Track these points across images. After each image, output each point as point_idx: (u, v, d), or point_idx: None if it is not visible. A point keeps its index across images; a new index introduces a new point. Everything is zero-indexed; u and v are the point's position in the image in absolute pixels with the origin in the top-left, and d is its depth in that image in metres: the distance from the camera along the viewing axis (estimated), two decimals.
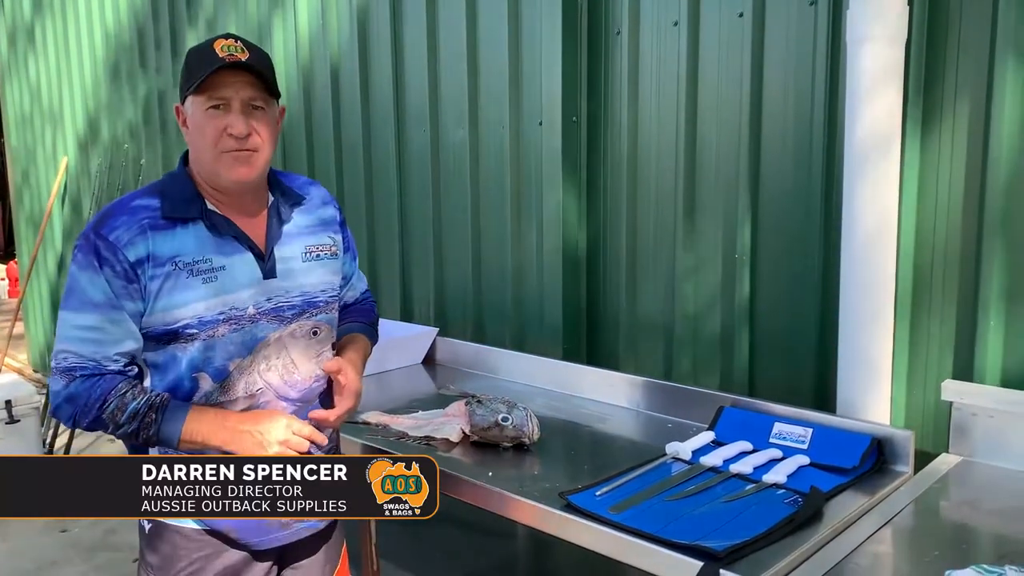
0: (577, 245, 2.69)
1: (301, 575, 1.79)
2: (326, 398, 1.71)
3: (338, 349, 1.77)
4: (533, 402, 2.07)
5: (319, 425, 1.65)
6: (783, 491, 1.70)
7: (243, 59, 1.54)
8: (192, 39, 4.23)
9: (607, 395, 2.37)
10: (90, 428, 1.57)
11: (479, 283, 2.99)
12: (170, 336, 1.56)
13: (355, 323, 1.90)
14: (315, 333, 1.66)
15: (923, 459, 1.86)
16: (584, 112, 2.65)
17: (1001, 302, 1.88)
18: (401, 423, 2.14)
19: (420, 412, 2.21)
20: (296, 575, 1.78)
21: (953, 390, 1.90)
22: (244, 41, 1.58)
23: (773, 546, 1.48)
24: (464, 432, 2.04)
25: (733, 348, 2.37)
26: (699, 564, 1.42)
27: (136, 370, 1.60)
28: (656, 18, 2.46)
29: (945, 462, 1.86)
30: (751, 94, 2.27)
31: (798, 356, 2.24)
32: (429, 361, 2.87)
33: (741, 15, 2.27)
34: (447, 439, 2.03)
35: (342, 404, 1.67)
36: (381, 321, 2.12)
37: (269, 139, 1.61)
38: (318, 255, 1.73)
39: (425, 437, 2.05)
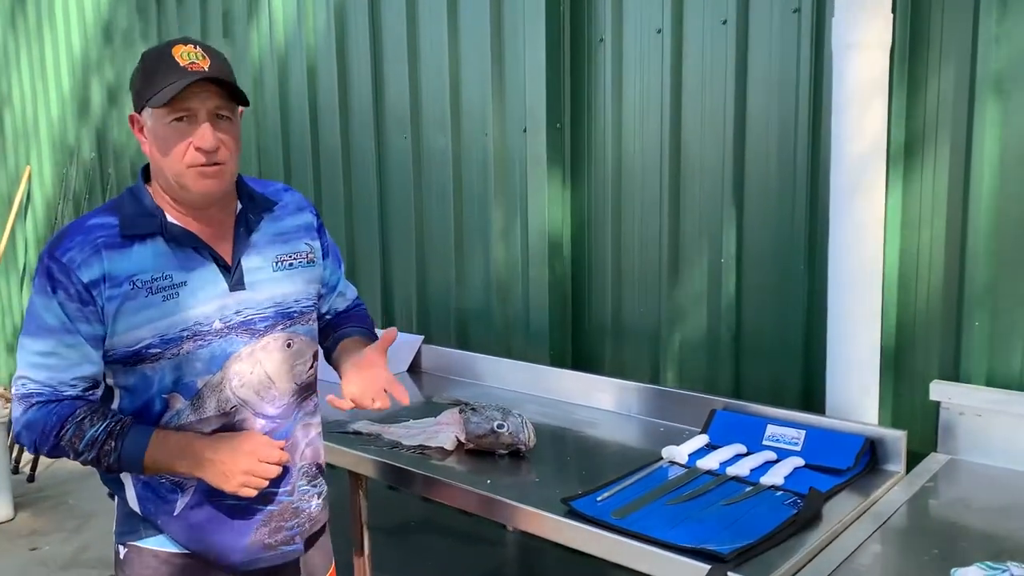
0: (562, 251, 2.70)
1: None
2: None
3: (340, 350, 1.72)
4: (523, 409, 2.07)
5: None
6: (782, 493, 1.72)
7: (205, 67, 1.46)
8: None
9: (596, 400, 2.38)
10: (51, 455, 1.52)
11: (463, 291, 2.98)
12: (133, 358, 1.50)
13: (355, 328, 1.82)
14: (289, 345, 1.60)
15: (911, 459, 1.90)
16: (568, 119, 2.66)
17: (986, 302, 1.92)
18: (393, 432, 2.12)
19: (412, 421, 2.19)
20: None
21: (941, 390, 1.93)
22: (203, 46, 1.50)
23: (776, 548, 1.50)
24: (459, 440, 2.03)
25: (719, 352, 2.40)
26: (706, 568, 1.43)
27: (98, 394, 1.55)
28: (639, 25, 2.48)
29: (935, 461, 1.90)
30: (735, 101, 2.30)
31: (784, 359, 2.27)
32: (414, 369, 2.85)
33: (725, 22, 2.30)
34: (442, 447, 2.02)
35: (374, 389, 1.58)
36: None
37: (236, 150, 1.54)
38: (291, 264, 1.65)
39: (419, 446, 2.04)
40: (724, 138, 2.33)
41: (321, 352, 1.76)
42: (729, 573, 1.42)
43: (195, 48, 1.48)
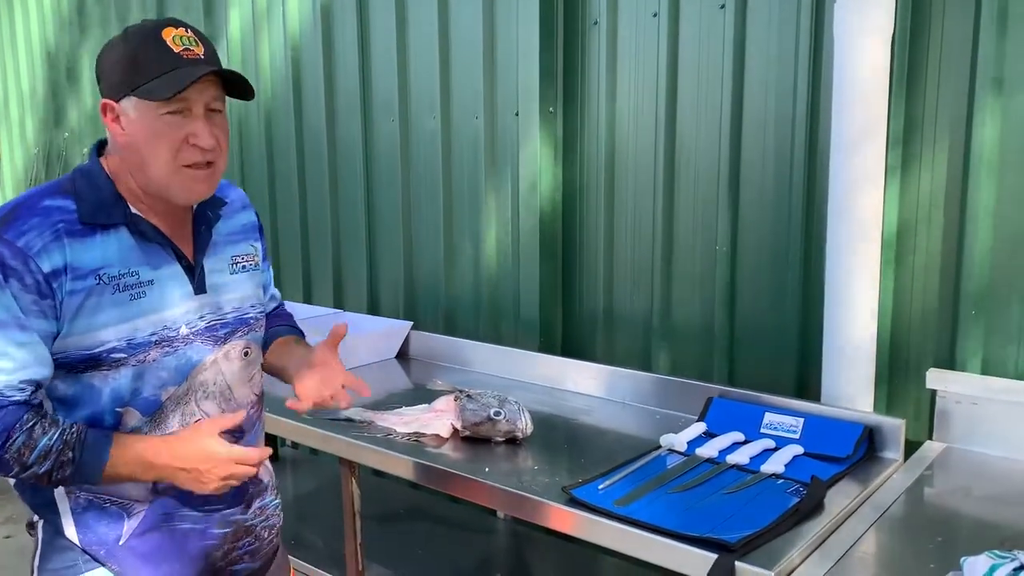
0: (554, 237, 2.67)
1: None
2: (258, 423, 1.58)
3: (277, 351, 1.64)
4: (515, 396, 2.04)
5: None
6: (783, 481, 1.72)
7: (201, 55, 1.34)
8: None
9: (590, 388, 2.36)
10: None
11: (451, 276, 2.95)
12: (89, 363, 1.33)
13: (283, 327, 1.73)
14: (246, 353, 1.50)
15: (907, 447, 1.90)
16: (561, 103, 2.63)
17: (982, 290, 1.92)
18: (386, 419, 2.09)
19: (404, 408, 2.16)
20: None
21: (937, 378, 1.94)
22: (193, 29, 1.37)
23: (781, 536, 1.49)
24: (454, 427, 2.00)
25: (713, 339, 2.38)
26: (713, 556, 1.42)
27: (41, 399, 1.36)
28: (635, 8, 2.45)
29: (931, 450, 1.90)
30: (732, 86, 2.28)
31: (779, 346, 2.26)
32: (402, 355, 2.82)
33: (723, 6, 2.27)
34: (437, 435, 1.99)
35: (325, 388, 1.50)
36: (353, 314, 2.06)
37: (227, 146, 1.42)
38: (244, 266, 1.55)
39: (413, 433, 2.01)
40: (720, 124, 2.31)
41: None
42: (736, 562, 1.41)
43: (187, 32, 1.35)
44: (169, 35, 1.33)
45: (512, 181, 2.72)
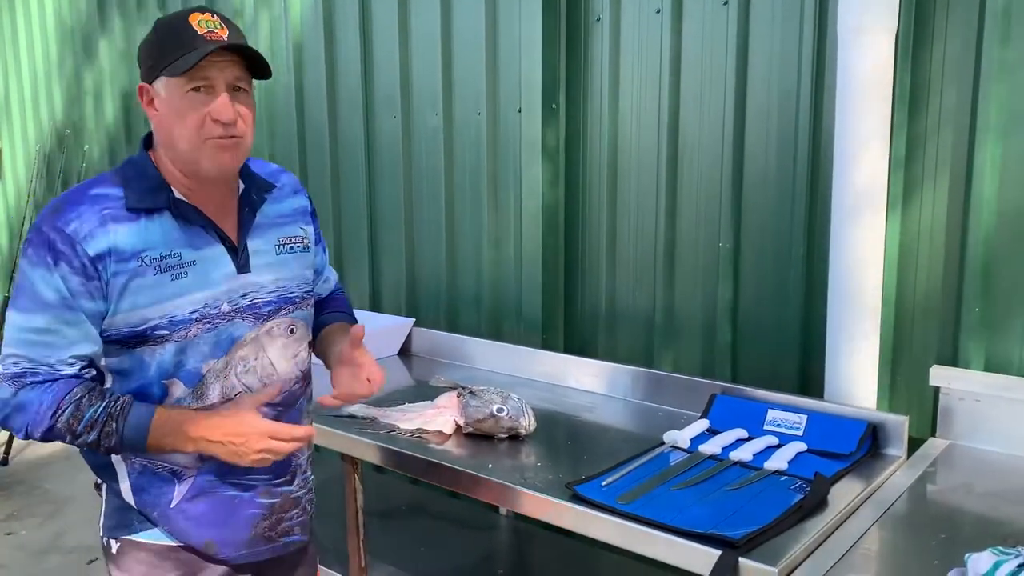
0: (556, 234, 2.67)
1: None
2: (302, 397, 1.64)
3: (327, 338, 1.69)
4: (518, 393, 2.04)
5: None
6: (787, 478, 1.71)
7: (224, 36, 1.41)
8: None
9: (593, 384, 2.36)
10: (45, 439, 1.42)
11: (453, 273, 2.95)
12: (136, 339, 1.43)
13: (339, 313, 1.80)
14: (292, 331, 1.56)
15: (910, 444, 1.90)
16: (564, 99, 2.62)
17: (985, 287, 1.92)
18: (389, 416, 2.09)
19: (407, 404, 2.15)
20: None
21: (941, 375, 1.94)
22: (220, 15, 1.45)
23: (785, 533, 1.49)
24: (457, 424, 2.00)
25: (715, 336, 2.38)
26: (717, 553, 1.42)
27: (94, 373, 1.47)
28: (638, 4, 2.45)
29: (934, 446, 1.90)
30: (735, 83, 2.28)
31: (782, 343, 2.26)
32: (404, 352, 2.81)
33: (726, 3, 2.27)
34: (440, 431, 1.99)
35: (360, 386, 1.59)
36: (355, 311, 2.08)
37: (253, 123, 1.49)
38: (291, 247, 1.61)
39: (416, 430, 2.01)
40: (723, 121, 2.31)
41: None
42: (740, 558, 1.41)
43: (212, 16, 1.43)
44: (195, 19, 1.41)
45: (514, 178, 2.71)
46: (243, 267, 1.52)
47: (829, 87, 2.09)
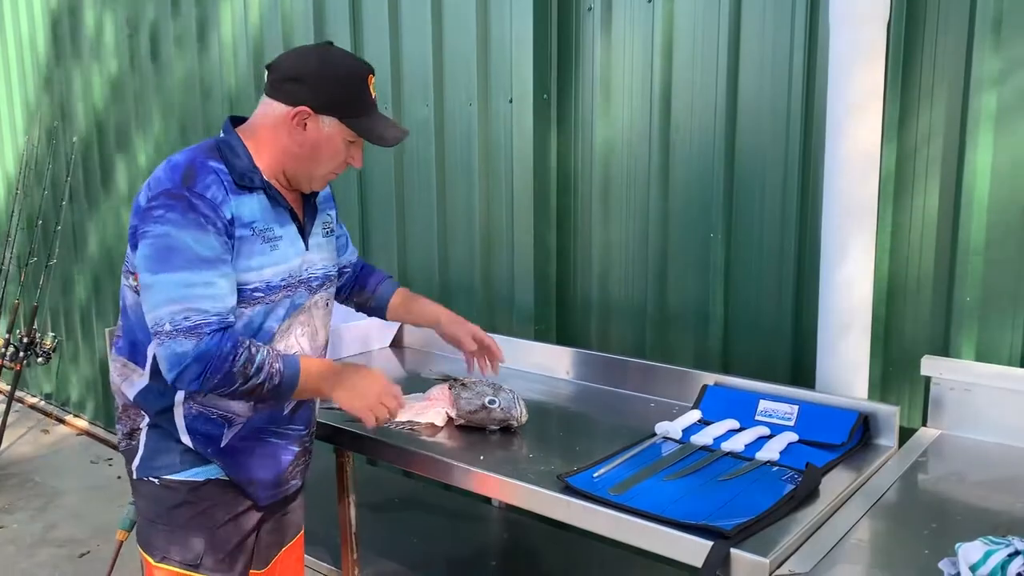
0: (548, 225, 2.66)
1: (292, 517, 1.99)
2: None
3: (406, 304, 2.10)
4: (510, 384, 2.04)
5: None
6: (778, 468, 1.71)
7: (376, 101, 1.72)
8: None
9: (585, 376, 2.36)
10: (214, 387, 1.56)
11: (445, 264, 2.94)
12: (238, 297, 1.62)
13: (389, 282, 2.13)
14: (327, 304, 1.85)
15: (901, 434, 1.90)
16: (555, 89, 2.61)
17: (977, 277, 1.92)
18: None
19: None
20: (288, 518, 1.97)
21: (931, 365, 1.94)
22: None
23: (776, 524, 1.49)
24: (449, 416, 2.00)
25: (707, 327, 2.38)
26: (709, 544, 1.42)
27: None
28: None
29: (925, 436, 1.90)
30: (727, 71, 2.27)
31: (774, 334, 2.27)
32: (396, 344, 2.80)
33: None
34: (432, 423, 1.98)
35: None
36: (344, 307, 2.15)
37: None
38: (329, 231, 1.87)
39: (408, 422, 2.00)
40: (715, 110, 2.30)
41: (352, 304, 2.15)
42: (732, 549, 1.41)
43: (373, 78, 1.71)
44: (371, 82, 1.69)
45: (506, 168, 2.70)
46: (306, 246, 1.76)
47: (821, 74, 2.09)
